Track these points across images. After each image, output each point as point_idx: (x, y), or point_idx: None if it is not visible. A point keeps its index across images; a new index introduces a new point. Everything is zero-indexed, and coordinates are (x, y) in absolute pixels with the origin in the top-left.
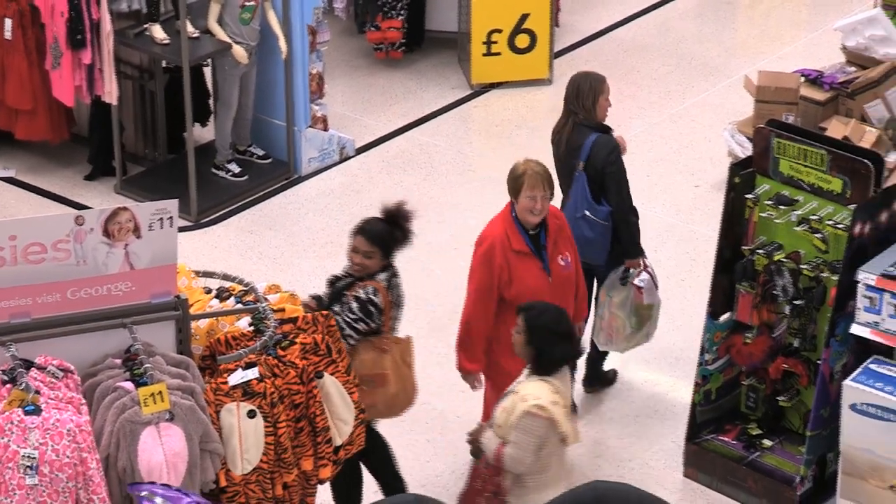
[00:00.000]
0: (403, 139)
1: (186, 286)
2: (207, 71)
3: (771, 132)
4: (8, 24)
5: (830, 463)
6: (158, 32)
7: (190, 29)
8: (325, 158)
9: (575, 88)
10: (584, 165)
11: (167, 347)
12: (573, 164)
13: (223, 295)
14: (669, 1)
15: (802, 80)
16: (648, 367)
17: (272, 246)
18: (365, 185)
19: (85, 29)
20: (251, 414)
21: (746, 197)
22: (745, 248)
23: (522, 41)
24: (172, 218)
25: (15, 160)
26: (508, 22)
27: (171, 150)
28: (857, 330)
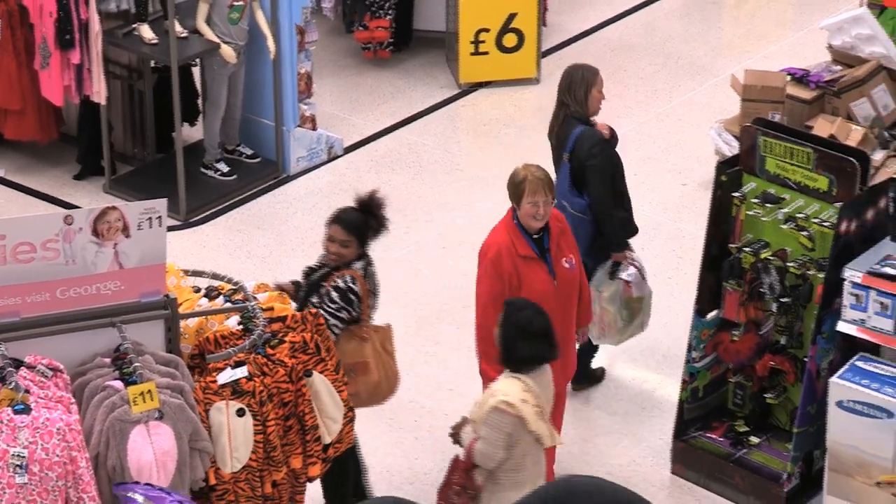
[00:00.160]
0: (391, 138)
1: (175, 285)
2: (196, 71)
3: (757, 131)
4: None
5: (817, 460)
6: (147, 32)
7: (178, 29)
8: (313, 158)
9: (568, 80)
10: (568, 157)
11: (156, 346)
12: (561, 154)
13: (212, 294)
14: (656, 1)
15: (789, 78)
16: (636, 364)
17: (261, 245)
18: (353, 184)
19: (73, 29)
20: (240, 412)
21: (733, 195)
22: (732, 245)
23: (510, 40)
24: (161, 217)
25: (4, 160)
26: (496, 21)
27: (159, 149)
28: (843, 327)
